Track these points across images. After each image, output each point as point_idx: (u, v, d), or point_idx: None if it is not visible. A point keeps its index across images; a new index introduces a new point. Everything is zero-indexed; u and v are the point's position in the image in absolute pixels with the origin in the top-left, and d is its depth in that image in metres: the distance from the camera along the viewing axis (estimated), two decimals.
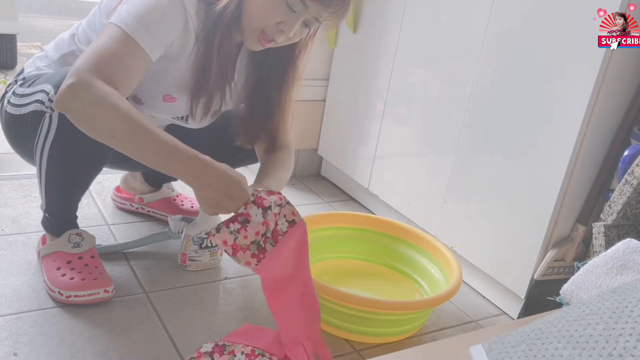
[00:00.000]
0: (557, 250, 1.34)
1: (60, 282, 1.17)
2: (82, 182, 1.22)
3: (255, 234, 0.99)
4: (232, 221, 0.97)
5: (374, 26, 1.80)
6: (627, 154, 1.23)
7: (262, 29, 1.07)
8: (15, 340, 1.06)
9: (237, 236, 0.97)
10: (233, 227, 0.97)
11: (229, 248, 0.97)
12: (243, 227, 0.98)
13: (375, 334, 1.23)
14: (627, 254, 0.90)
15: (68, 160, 1.15)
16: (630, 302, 0.62)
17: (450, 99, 1.54)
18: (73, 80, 0.93)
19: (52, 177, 1.17)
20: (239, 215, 0.98)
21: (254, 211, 0.98)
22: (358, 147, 1.91)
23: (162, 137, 0.95)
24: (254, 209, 0.98)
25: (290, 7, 1.04)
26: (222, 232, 0.97)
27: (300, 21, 1.07)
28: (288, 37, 1.09)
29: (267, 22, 1.06)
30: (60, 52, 1.24)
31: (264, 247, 1.01)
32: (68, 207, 1.25)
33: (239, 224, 0.98)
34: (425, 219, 1.63)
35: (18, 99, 1.17)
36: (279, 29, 1.06)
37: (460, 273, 1.30)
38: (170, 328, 1.16)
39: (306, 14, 1.05)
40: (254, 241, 0.99)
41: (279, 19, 1.05)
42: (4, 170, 1.72)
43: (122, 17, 1.01)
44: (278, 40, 1.09)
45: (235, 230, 0.97)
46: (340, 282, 1.42)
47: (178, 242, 1.42)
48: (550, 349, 0.63)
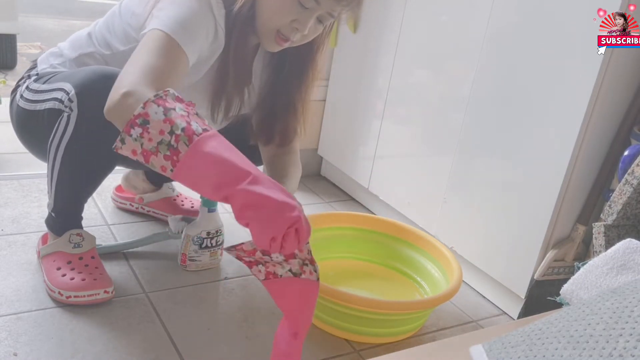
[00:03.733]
0: (557, 250, 1.34)
1: (61, 283, 1.17)
2: (94, 182, 1.23)
3: (159, 132, 0.87)
4: (131, 126, 0.88)
5: (374, 26, 1.80)
6: (627, 154, 1.23)
7: (278, 28, 1.09)
8: (15, 340, 1.06)
9: (142, 142, 0.87)
10: (134, 132, 0.87)
11: (139, 157, 0.88)
12: (144, 130, 0.87)
13: (375, 334, 1.23)
14: (627, 254, 0.90)
15: (83, 161, 1.16)
16: (630, 302, 0.62)
17: (450, 99, 1.54)
18: (127, 89, 0.91)
19: (65, 177, 1.17)
20: (136, 118, 0.87)
21: (152, 109, 0.87)
22: (358, 147, 1.91)
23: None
24: (153, 107, 0.87)
25: (302, 5, 1.05)
26: (127, 143, 0.88)
27: (314, 17, 1.08)
28: (303, 35, 1.10)
29: (282, 22, 1.08)
30: (78, 52, 1.23)
31: (176, 146, 0.86)
32: (75, 207, 1.25)
33: (140, 127, 0.87)
34: (425, 219, 1.63)
35: (33, 95, 1.17)
36: (293, 27, 1.08)
37: (460, 273, 1.30)
38: (170, 328, 1.16)
39: (319, 9, 1.06)
40: (161, 141, 0.87)
41: (292, 17, 1.07)
42: (4, 170, 1.71)
43: (165, 22, 1.01)
44: (294, 38, 1.11)
45: (138, 136, 0.87)
46: (340, 282, 1.42)
47: (178, 242, 1.42)
48: (550, 349, 0.63)
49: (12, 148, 1.82)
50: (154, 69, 0.96)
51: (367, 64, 1.83)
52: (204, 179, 0.86)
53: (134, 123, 0.87)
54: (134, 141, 0.87)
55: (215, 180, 0.85)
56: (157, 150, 0.87)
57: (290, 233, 0.85)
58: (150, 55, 0.98)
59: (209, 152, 0.85)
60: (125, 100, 0.90)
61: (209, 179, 0.85)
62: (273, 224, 0.84)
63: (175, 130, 0.86)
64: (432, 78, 1.63)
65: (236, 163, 0.85)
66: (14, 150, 1.81)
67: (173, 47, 1.00)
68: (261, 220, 0.84)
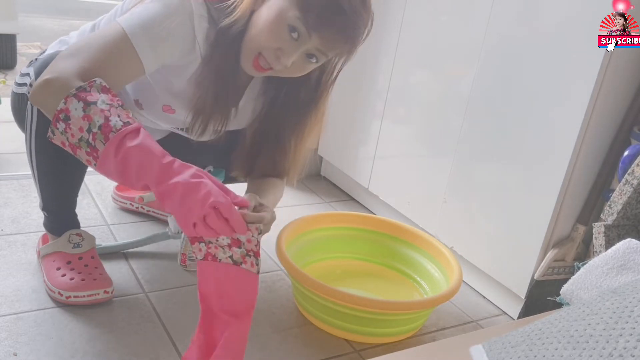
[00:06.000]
0: (557, 250, 1.34)
1: (60, 283, 1.17)
2: (74, 175, 1.19)
3: (79, 130, 0.89)
4: (57, 120, 0.90)
5: (374, 26, 1.79)
6: (627, 154, 1.23)
7: (260, 51, 1.01)
8: (15, 340, 1.06)
9: (67, 136, 0.90)
10: (60, 127, 0.90)
11: (68, 149, 0.91)
12: (67, 125, 0.89)
13: (375, 334, 1.23)
14: (627, 254, 0.90)
15: (56, 152, 1.06)
16: (630, 302, 0.62)
17: (450, 99, 1.54)
18: (51, 76, 0.91)
19: (43, 171, 1.16)
20: (59, 113, 0.89)
21: (73, 105, 0.89)
22: (358, 147, 1.91)
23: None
24: (74, 103, 0.89)
25: (291, 34, 0.98)
26: (56, 135, 0.91)
27: (301, 51, 1.00)
28: (286, 67, 1.02)
29: (266, 44, 1.00)
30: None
31: (94, 145, 0.89)
32: (65, 204, 1.24)
33: (63, 122, 0.90)
34: (425, 219, 1.63)
35: (19, 78, 1.17)
36: (277, 55, 1.00)
37: (460, 273, 1.30)
38: (170, 328, 1.16)
39: (307, 43, 0.99)
40: (81, 138, 0.90)
41: (278, 45, 0.99)
42: (4, 170, 1.71)
43: (130, 21, 0.98)
44: (275, 67, 1.02)
45: (63, 130, 0.90)
46: (340, 282, 1.42)
47: (178, 242, 1.42)
48: (551, 349, 0.63)
49: (12, 148, 1.83)
50: (95, 61, 0.95)
51: (367, 64, 1.83)
52: (122, 174, 0.90)
53: (58, 118, 0.90)
54: (61, 135, 0.91)
55: (135, 174, 0.89)
56: (80, 146, 0.90)
57: (210, 213, 0.86)
58: (98, 47, 0.96)
59: (125, 149, 0.88)
60: (45, 89, 0.91)
61: (128, 173, 0.89)
62: (186, 210, 0.87)
63: (92, 128, 0.89)
64: (432, 78, 1.63)
65: (150, 157, 0.88)
66: (14, 150, 1.82)
67: (127, 48, 0.97)
68: (176, 209, 0.88)
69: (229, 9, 1.02)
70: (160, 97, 1.14)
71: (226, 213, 0.88)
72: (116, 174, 0.90)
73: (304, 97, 1.16)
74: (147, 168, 0.88)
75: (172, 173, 0.88)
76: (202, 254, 0.93)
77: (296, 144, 1.20)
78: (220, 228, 0.88)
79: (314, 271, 1.39)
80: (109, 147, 0.88)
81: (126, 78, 1.02)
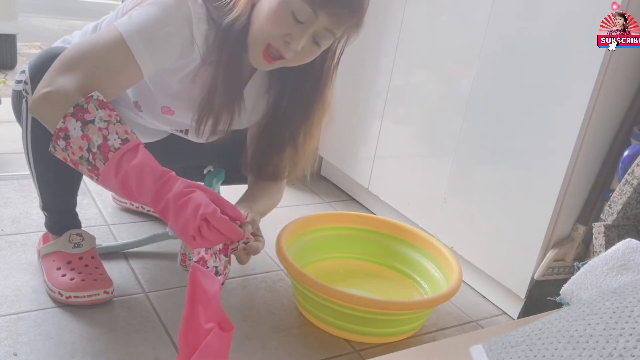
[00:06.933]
0: (557, 250, 1.34)
1: (60, 283, 1.17)
2: (72, 173, 1.18)
3: (79, 149, 0.92)
4: (57, 138, 0.92)
5: (374, 26, 1.79)
6: (627, 154, 1.23)
7: (268, 42, 1.00)
8: (15, 340, 1.06)
9: (68, 153, 0.93)
10: (60, 144, 0.92)
11: (70, 164, 0.94)
12: (67, 144, 0.92)
13: (375, 334, 1.23)
14: (627, 254, 0.90)
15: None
16: (630, 302, 0.62)
17: (450, 99, 1.54)
18: (50, 89, 0.92)
19: (41, 170, 1.16)
20: (59, 131, 0.91)
21: (71, 124, 0.91)
22: (358, 147, 1.91)
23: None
24: (72, 122, 0.91)
25: (296, 17, 0.97)
26: (58, 150, 0.93)
27: (309, 34, 0.99)
28: (297, 54, 1.02)
29: (273, 33, 0.99)
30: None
31: (94, 164, 0.92)
32: (64, 203, 1.24)
33: (63, 140, 0.92)
34: (425, 219, 1.64)
35: (18, 75, 1.17)
36: (285, 41, 0.99)
37: (460, 273, 1.30)
38: (170, 328, 1.16)
39: (314, 24, 0.98)
40: (81, 157, 0.92)
41: (285, 31, 0.98)
42: (4, 170, 1.71)
43: (127, 26, 0.98)
44: (286, 55, 1.01)
45: (64, 147, 0.92)
46: (340, 282, 1.42)
47: (178, 242, 1.42)
48: (551, 349, 0.63)
49: (12, 148, 1.83)
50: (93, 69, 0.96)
51: (367, 64, 1.83)
52: (124, 191, 0.93)
53: (58, 136, 0.92)
54: (62, 151, 0.93)
55: (136, 193, 0.92)
56: (81, 163, 0.93)
57: (202, 225, 0.89)
58: (97, 54, 0.97)
59: (124, 170, 0.91)
60: (44, 103, 0.93)
61: (129, 191, 0.93)
62: (182, 225, 0.90)
63: (91, 148, 0.92)
64: (432, 78, 1.63)
65: (148, 177, 0.91)
66: (14, 150, 1.82)
67: (125, 54, 0.97)
68: (174, 226, 0.92)
69: (229, 6, 1.02)
70: (159, 99, 1.14)
71: (215, 223, 0.89)
72: (119, 191, 0.94)
73: (309, 88, 1.15)
74: (145, 188, 0.91)
75: (168, 191, 0.91)
76: (196, 256, 0.94)
77: (305, 135, 1.20)
78: (215, 237, 0.91)
79: (314, 271, 1.39)
80: (108, 166, 0.91)
81: (125, 84, 1.02)
